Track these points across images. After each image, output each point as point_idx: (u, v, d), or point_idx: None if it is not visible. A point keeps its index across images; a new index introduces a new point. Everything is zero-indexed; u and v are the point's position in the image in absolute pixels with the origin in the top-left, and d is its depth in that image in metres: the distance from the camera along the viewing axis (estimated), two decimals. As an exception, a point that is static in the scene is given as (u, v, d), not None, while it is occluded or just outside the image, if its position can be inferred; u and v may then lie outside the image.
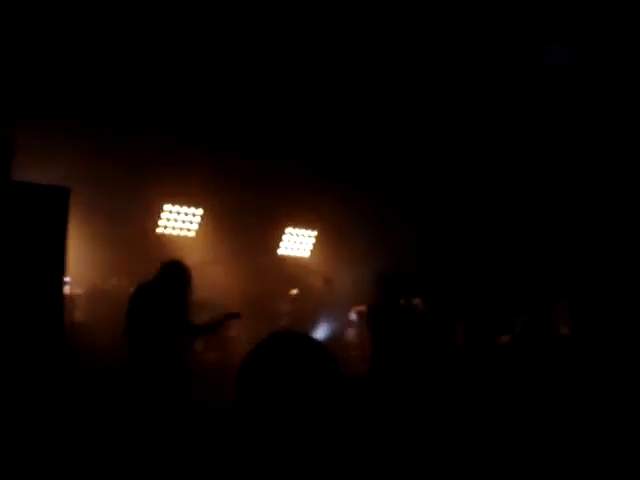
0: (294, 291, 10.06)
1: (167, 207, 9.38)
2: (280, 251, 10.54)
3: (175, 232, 9.45)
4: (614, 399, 5.08)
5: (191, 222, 9.58)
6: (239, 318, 6.72)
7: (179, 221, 9.49)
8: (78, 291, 7.97)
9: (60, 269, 5.22)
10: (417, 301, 7.89)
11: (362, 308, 8.37)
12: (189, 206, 9.54)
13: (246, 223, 9.63)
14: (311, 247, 10.72)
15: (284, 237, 10.54)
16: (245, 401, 1.60)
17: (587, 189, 8.81)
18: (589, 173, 8.70)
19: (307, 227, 10.65)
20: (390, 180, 9.69)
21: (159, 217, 9.39)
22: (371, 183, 9.62)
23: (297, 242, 10.65)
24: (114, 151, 8.21)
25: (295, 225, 10.56)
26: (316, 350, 1.66)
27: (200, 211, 9.61)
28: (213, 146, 8.74)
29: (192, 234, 9.57)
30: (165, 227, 9.41)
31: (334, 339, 9.66)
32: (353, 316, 9.73)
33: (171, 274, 6.16)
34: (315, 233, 10.69)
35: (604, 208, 8.66)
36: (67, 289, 7.41)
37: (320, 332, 9.89)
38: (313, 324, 9.90)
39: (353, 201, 9.69)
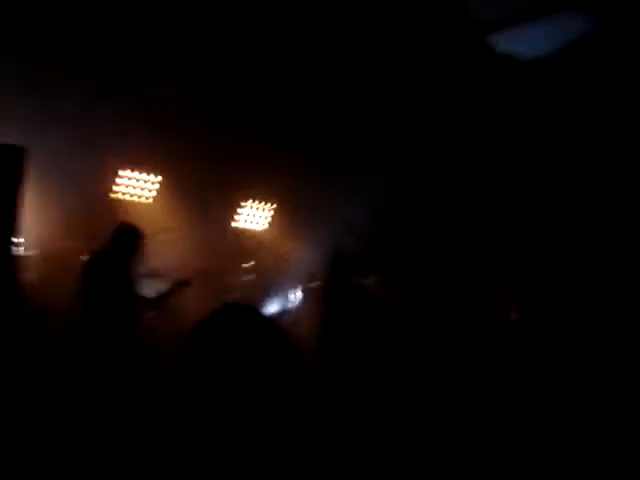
0: (248, 265, 10.05)
1: (123, 172, 9.27)
2: (236, 224, 10.51)
3: (131, 198, 9.35)
4: (563, 384, 5.14)
5: (149, 189, 9.50)
6: (190, 286, 6.66)
7: (136, 188, 9.40)
8: (31, 253, 7.87)
9: (9, 229, 5.14)
10: (372, 279, 7.77)
11: (316, 284, 8.38)
12: (147, 173, 9.44)
13: (204, 194, 9.57)
14: (269, 221, 10.72)
15: (241, 210, 10.52)
16: (192, 370, 1.63)
17: (537, 181, 8.90)
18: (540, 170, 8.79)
19: (264, 201, 10.65)
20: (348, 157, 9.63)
21: (115, 181, 9.29)
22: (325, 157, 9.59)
23: (254, 216, 10.64)
24: (74, 111, 8.05)
25: (253, 198, 10.54)
26: (265, 322, 1.69)
27: (158, 178, 9.53)
28: (175, 114, 8.64)
29: (149, 201, 9.49)
30: (121, 192, 9.31)
31: (285, 314, 9.71)
32: (299, 293, 9.79)
33: (125, 241, 5.99)
34: (273, 206, 10.69)
35: (554, 200, 8.77)
36: (21, 250, 7.30)
37: (271, 307, 9.93)
38: (265, 299, 9.93)
39: (309, 176, 9.65)
